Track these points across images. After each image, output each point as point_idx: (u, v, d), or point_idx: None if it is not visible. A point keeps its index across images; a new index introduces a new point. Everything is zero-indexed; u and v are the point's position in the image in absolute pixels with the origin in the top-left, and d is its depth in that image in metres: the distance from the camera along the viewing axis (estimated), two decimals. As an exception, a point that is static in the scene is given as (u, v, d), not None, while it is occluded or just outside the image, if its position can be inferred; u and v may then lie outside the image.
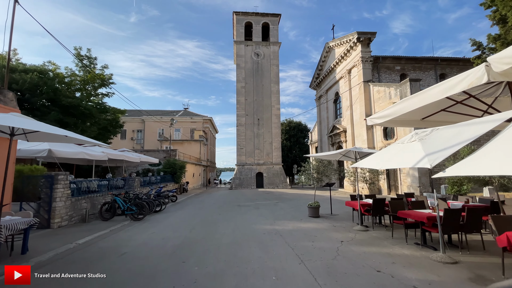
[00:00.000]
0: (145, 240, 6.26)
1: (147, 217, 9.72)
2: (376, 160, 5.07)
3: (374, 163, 5.07)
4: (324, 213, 9.54)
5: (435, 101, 4.07)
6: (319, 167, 9.25)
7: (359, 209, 6.99)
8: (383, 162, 4.73)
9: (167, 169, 20.88)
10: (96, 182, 10.85)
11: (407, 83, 16.58)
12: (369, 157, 5.47)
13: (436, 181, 16.43)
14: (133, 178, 13.54)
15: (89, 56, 21.29)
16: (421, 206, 6.31)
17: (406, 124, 7.40)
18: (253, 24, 31.62)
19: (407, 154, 4.16)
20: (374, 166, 4.98)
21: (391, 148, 5.00)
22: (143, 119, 40.21)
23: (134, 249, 5.51)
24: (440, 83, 3.74)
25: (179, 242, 5.96)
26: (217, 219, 9.11)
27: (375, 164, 5.02)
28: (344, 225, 7.56)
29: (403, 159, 4.16)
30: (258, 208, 11.85)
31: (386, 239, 5.99)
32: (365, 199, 7.88)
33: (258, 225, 7.84)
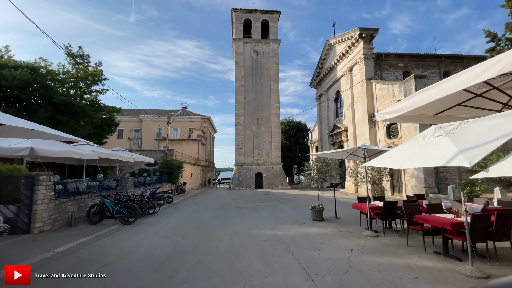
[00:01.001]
0: (132, 248, 5.60)
1: (139, 221, 9.07)
2: (393, 159, 4.44)
3: (392, 162, 4.43)
4: (328, 216, 8.91)
5: (450, 95, 3.54)
6: (323, 167, 8.61)
7: (369, 212, 6.36)
8: (403, 160, 4.09)
9: (164, 169, 20.20)
10: (86, 183, 10.19)
11: (412, 79, 15.99)
12: (383, 156, 4.83)
13: (442, 181, 15.84)
14: (126, 179, 12.88)
15: (81, 54, 20.61)
16: (438, 210, 5.68)
17: (418, 120, 6.79)
18: (252, 21, 30.98)
19: (434, 151, 3.53)
20: (392, 165, 4.35)
21: (411, 145, 4.36)
22: (140, 118, 39.53)
23: (117, 260, 4.85)
24: (458, 74, 3.19)
25: (169, 251, 5.30)
26: (213, 223, 8.46)
27: (393, 163, 4.38)
28: (352, 230, 6.93)
29: (430, 156, 3.53)
30: (258, 210, 11.20)
31: (400, 247, 5.36)
32: (374, 201, 7.25)
33: (258, 230, 7.19)
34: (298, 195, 18.77)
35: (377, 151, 6.73)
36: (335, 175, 8.68)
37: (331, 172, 8.43)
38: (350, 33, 22.73)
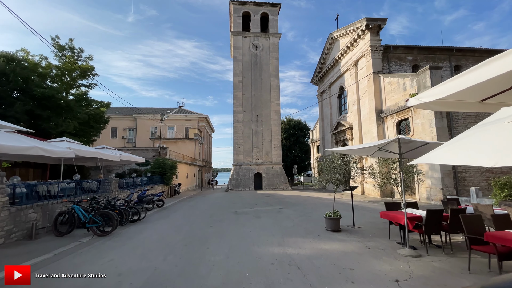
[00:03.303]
0: (87, 282, 3.95)
1: (118, 230, 7.54)
2: (465, 153, 2.97)
3: (463, 157, 2.96)
4: (345, 225, 7.44)
5: (503, 76, 2.27)
6: (339, 166, 7.14)
7: (406, 225, 4.88)
8: (494, 153, 2.63)
9: (156, 170, 18.64)
10: (57, 185, 8.65)
11: (427, 71, 14.59)
12: (444, 149, 3.36)
13: (460, 182, 14.45)
14: (110, 180, 11.33)
15: (71, 47, 19.01)
16: (507, 223, 4.23)
17: (461, 107, 5.29)
18: (251, 14, 29.50)
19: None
20: (467, 160, 2.88)
21: (483, 131, 2.91)
22: (135, 117, 37.89)
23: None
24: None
25: (140, 285, 3.78)
26: (206, 235, 6.94)
27: (466, 158, 2.92)
28: (382, 246, 5.46)
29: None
30: (259, 216, 9.70)
31: (462, 274, 3.90)
32: (405, 208, 5.74)
33: (262, 247, 5.69)
34: (302, 198, 17.28)
35: (419, 145, 5.25)
36: (354, 176, 7.21)
37: (350, 171, 6.94)
38: (356, 24, 21.34)
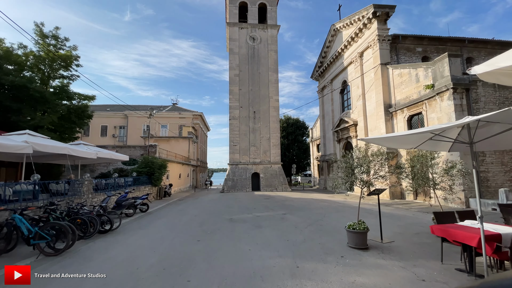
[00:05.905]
0: None
1: (78, 246, 5.80)
2: None
3: None
4: (370, 239, 5.79)
5: None
6: (362, 163, 5.50)
7: (484, 248, 3.24)
8: None
9: (143, 169, 16.82)
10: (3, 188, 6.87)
11: (445, 59, 13.04)
12: None
13: (482, 183, 12.95)
14: (81, 181, 9.53)
15: (55, 35, 16.94)
16: None
17: None
18: (248, 5, 27.80)
19: None
20: None
21: None
22: (126, 114, 35.90)
23: None
24: None
25: None
26: (190, 256, 5.20)
27: None
28: (437, 275, 3.82)
29: None
30: (260, 226, 7.99)
31: None
32: (481, 223, 3.71)
33: (268, 279, 3.99)
34: (305, 200, 15.61)
35: (501, 131, 3.59)
36: (386, 175, 5.55)
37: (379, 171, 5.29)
38: (361, 12, 19.78)
